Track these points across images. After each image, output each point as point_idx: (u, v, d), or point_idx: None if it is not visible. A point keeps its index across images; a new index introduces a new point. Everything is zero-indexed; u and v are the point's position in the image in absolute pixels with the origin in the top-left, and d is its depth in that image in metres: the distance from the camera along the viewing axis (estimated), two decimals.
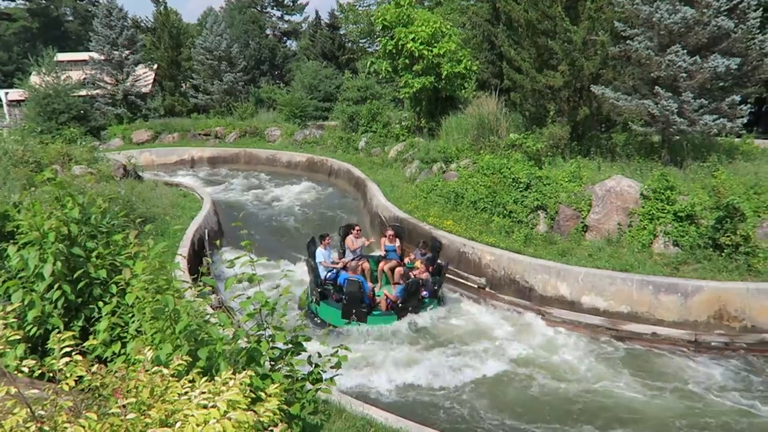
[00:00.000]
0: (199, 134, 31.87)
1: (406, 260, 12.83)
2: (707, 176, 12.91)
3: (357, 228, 13.43)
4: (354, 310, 11.16)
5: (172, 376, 2.70)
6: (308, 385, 3.58)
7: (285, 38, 57.75)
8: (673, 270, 11.26)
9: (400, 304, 11.38)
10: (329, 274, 12.33)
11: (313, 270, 12.04)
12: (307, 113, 32.72)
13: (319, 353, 3.86)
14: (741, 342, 10.21)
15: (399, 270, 12.38)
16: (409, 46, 20.84)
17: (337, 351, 3.78)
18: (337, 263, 12.52)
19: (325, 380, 3.73)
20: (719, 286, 10.57)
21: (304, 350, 3.55)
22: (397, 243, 13.24)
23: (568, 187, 13.62)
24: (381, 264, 12.98)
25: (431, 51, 20.82)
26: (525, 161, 14.94)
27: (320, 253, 12.53)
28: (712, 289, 10.56)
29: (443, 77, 21.30)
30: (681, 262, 11.36)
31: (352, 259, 12.61)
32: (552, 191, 13.58)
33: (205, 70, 36.88)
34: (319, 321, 11.51)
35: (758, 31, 13.92)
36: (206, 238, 14.65)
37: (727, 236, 10.96)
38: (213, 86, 36.62)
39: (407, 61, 21.61)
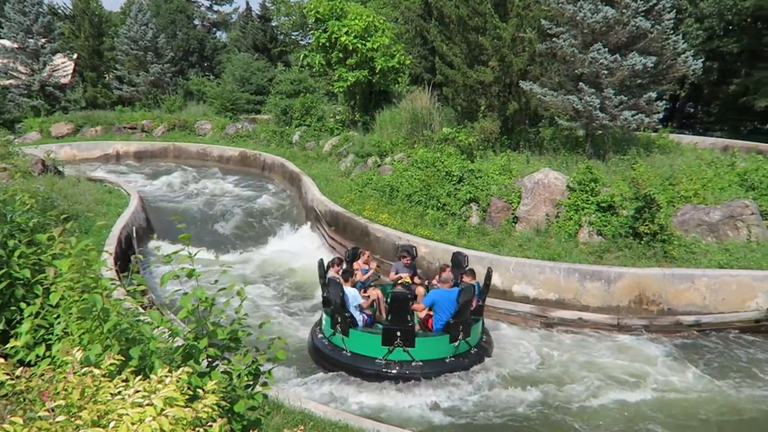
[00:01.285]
0: (125, 127, 30.49)
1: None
2: (627, 169, 13.63)
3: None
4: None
5: (104, 376, 2.61)
6: (247, 381, 3.54)
7: (214, 29, 56.11)
8: (597, 258, 11.84)
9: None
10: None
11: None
12: (239, 106, 32.00)
13: (256, 347, 3.82)
14: (658, 324, 10.86)
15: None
16: (342, 39, 20.77)
17: (273, 343, 3.75)
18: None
19: (264, 374, 3.70)
20: (639, 272, 11.21)
21: (244, 346, 3.51)
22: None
23: (498, 180, 14.02)
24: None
25: (365, 45, 20.84)
26: (458, 155, 15.25)
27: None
28: (632, 275, 11.19)
29: (377, 71, 21.37)
30: (604, 251, 11.96)
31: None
32: (484, 184, 13.95)
33: (129, 60, 35.29)
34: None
35: (672, 31, 14.80)
36: (134, 235, 14.11)
37: (645, 225, 11.63)
38: (139, 78, 35.13)
39: (341, 54, 21.54)
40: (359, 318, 9.42)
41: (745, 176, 13.37)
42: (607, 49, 13.96)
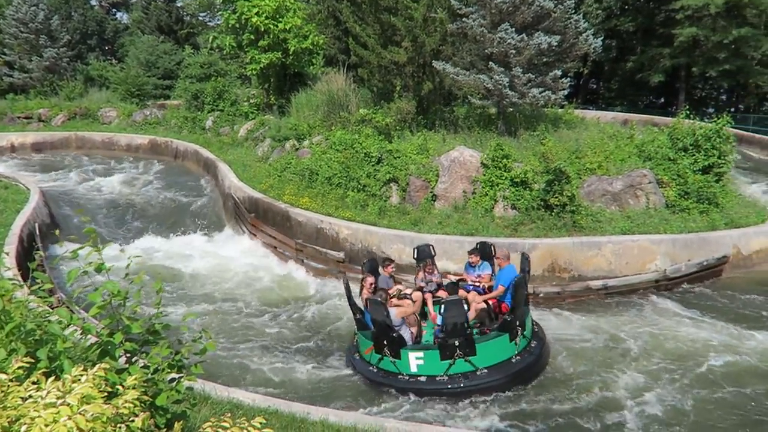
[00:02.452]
0: (19, 117, 28.30)
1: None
2: (537, 144, 14.22)
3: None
4: (457, 343, 7.95)
5: (12, 380, 2.47)
6: (172, 374, 3.45)
7: (114, 10, 52.93)
8: (512, 231, 12.35)
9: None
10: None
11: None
12: (146, 92, 30.51)
13: (179, 339, 3.73)
14: (570, 290, 11.51)
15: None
16: (253, 20, 20.21)
17: (201, 336, 3.67)
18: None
19: (189, 367, 3.62)
20: (551, 242, 11.81)
21: (164, 338, 3.41)
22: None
23: (416, 159, 14.25)
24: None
25: (277, 26, 20.39)
26: (375, 136, 15.34)
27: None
28: (545, 246, 11.76)
29: (290, 53, 21.00)
30: (519, 223, 12.48)
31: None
32: (402, 164, 14.13)
33: (20, 44, 32.69)
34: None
35: (573, 11, 15.47)
36: (37, 232, 13.24)
37: (556, 197, 12.23)
38: (31, 63, 32.66)
39: (252, 36, 20.98)
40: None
41: (642, 148, 14.30)
42: (514, 29, 14.42)
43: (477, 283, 9.37)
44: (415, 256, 10.20)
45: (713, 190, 13.15)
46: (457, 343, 7.90)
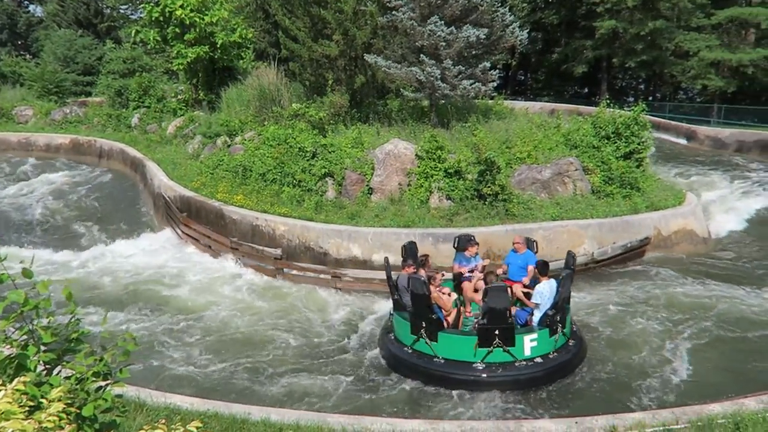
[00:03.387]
0: None
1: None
2: (469, 135, 14.49)
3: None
4: (497, 331, 7.89)
5: None
6: (98, 382, 3.29)
7: (26, 2, 49.89)
8: (448, 221, 12.55)
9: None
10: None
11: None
12: (65, 89, 28.98)
13: (103, 346, 3.56)
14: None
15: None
16: (178, 13, 19.55)
17: (123, 338, 3.51)
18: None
19: (116, 373, 3.47)
20: (485, 230, 12.08)
21: (85, 345, 3.24)
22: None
23: (351, 153, 14.23)
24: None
25: (203, 19, 19.80)
26: (309, 130, 15.19)
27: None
28: (480, 234, 11.95)
29: (218, 47, 20.46)
30: (454, 213, 12.71)
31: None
32: (337, 158, 14.07)
33: None
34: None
35: (500, 4, 15.82)
36: None
37: (488, 187, 12.52)
38: None
39: (177, 29, 20.28)
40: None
41: (568, 136, 14.85)
42: (443, 22, 14.60)
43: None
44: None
45: (634, 176, 13.84)
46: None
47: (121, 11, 43.84)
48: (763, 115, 33.85)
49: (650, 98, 43.02)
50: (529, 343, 8.04)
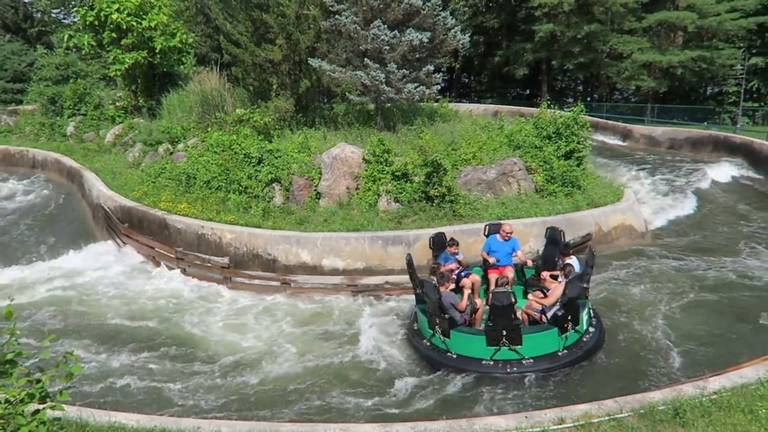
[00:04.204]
0: None
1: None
2: (415, 138, 14.62)
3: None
4: (504, 331, 8.26)
5: None
6: (34, 405, 3.14)
7: None
8: (396, 224, 12.61)
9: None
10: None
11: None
12: None
13: (40, 368, 3.41)
14: None
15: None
16: (114, 17, 18.92)
17: (65, 360, 3.37)
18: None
19: (53, 395, 3.32)
20: (433, 231, 12.12)
21: (19, 367, 3.08)
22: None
23: (298, 158, 14.11)
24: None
25: (140, 23, 19.24)
26: (254, 136, 14.97)
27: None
28: (428, 236, 12.09)
29: (157, 52, 19.91)
30: (402, 216, 12.78)
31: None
32: (284, 163, 13.93)
33: None
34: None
35: (441, 8, 16.04)
36: None
37: (435, 188, 12.66)
38: None
39: (114, 34, 19.63)
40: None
41: (511, 137, 15.20)
42: (386, 26, 14.69)
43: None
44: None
45: (575, 174, 14.28)
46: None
47: (53, 15, 42.07)
48: (693, 113, 35.67)
49: (588, 99, 44.59)
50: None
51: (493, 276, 9.95)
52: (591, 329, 9.08)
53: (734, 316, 10.13)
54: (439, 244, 10.58)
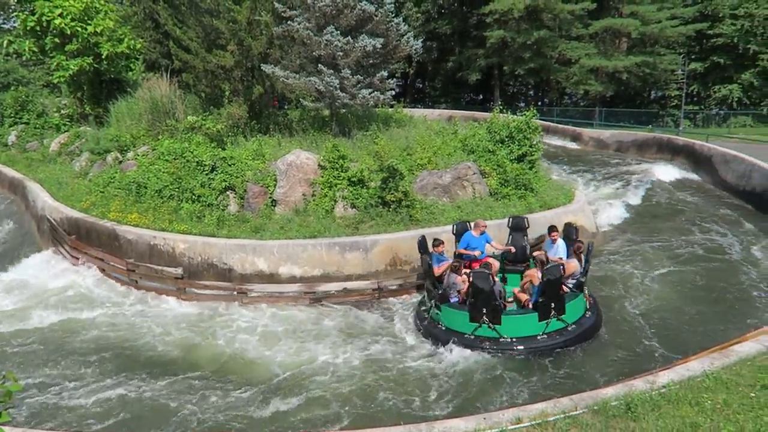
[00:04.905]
0: None
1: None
2: (371, 143, 14.65)
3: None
4: (484, 310, 9.10)
5: None
6: None
7: None
8: (353, 229, 12.59)
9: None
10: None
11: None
12: None
13: None
14: (411, 282, 12.03)
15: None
16: (57, 22, 18.25)
17: (2, 379, 3.22)
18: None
19: None
20: (390, 237, 12.23)
21: None
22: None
23: (252, 165, 13.93)
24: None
25: (85, 29, 18.63)
26: (207, 143, 14.70)
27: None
28: (386, 241, 12.16)
29: (104, 58, 19.32)
30: (359, 222, 12.77)
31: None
32: (238, 171, 13.72)
33: None
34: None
35: (394, 15, 16.16)
36: None
37: (391, 194, 12.70)
38: None
39: (57, 40, 18.92)
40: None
41: (465, 142, 15.40)
42: (339, 32, 14.68)
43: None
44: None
45: (528, 177, 14.58)
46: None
47: None
48: (638, 116, 36.98)
49: (540, 103, 45.70)
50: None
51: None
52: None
53: (693, 306, 10.70)
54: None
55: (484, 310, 9.08)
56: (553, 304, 9.18)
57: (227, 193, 13.56)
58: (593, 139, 29.29)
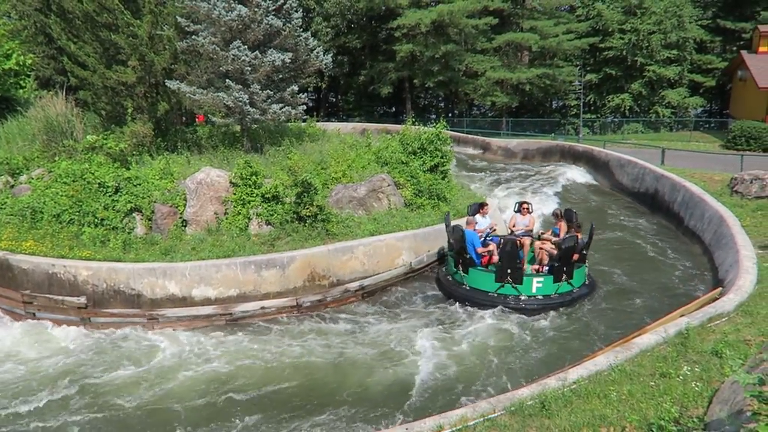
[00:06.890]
0: None
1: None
2: (284, 158, 14.47)
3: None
4: (509, 270, 10.98)
5: None
6: None
7: None
8: (269, 246, 12.35)
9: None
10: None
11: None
12: None
13: None
14: (332, 296, 11.95)
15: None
16: None
17: None
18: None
19: None
20: (308, 252, 12.10)
21: None
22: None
23: (160, 184, 13.37)
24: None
25: None
26: (109, 164, 13.95)
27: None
28: (303, 256, 12.01)
29: None
30: (275, 238, 12.54)
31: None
32: (144, 191, 13.11)
33: None
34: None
35: (303, 30, 16.13)
36: None
37: (306, 209, 12.59)
38: None
39: None
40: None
41: (379, 154, 15.56)
42: (246, 47, 14.45)
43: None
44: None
45: (440, 187, 14.92)
46: (509, 271, 11.07)
47: None
48: (542, 125, 38.95)
49: (450, 115, 47.05)
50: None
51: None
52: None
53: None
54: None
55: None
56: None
57: (133, 215, 12.92)
58: (501, 148, 30.47)
